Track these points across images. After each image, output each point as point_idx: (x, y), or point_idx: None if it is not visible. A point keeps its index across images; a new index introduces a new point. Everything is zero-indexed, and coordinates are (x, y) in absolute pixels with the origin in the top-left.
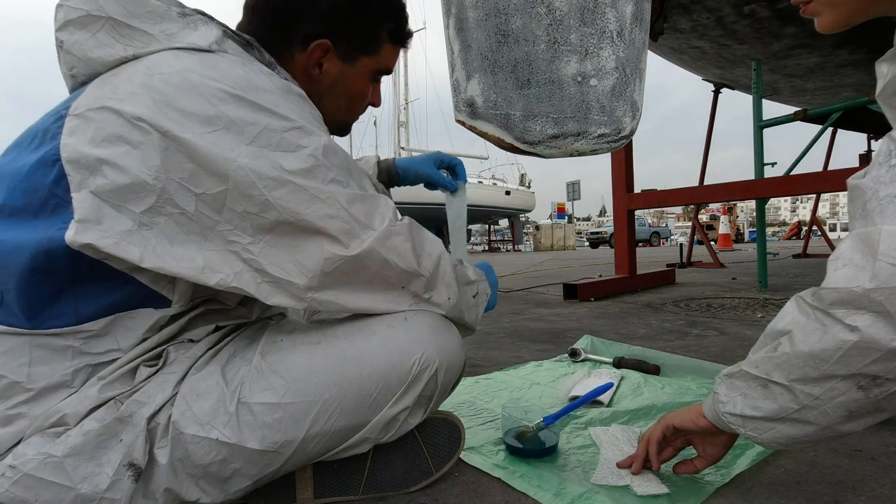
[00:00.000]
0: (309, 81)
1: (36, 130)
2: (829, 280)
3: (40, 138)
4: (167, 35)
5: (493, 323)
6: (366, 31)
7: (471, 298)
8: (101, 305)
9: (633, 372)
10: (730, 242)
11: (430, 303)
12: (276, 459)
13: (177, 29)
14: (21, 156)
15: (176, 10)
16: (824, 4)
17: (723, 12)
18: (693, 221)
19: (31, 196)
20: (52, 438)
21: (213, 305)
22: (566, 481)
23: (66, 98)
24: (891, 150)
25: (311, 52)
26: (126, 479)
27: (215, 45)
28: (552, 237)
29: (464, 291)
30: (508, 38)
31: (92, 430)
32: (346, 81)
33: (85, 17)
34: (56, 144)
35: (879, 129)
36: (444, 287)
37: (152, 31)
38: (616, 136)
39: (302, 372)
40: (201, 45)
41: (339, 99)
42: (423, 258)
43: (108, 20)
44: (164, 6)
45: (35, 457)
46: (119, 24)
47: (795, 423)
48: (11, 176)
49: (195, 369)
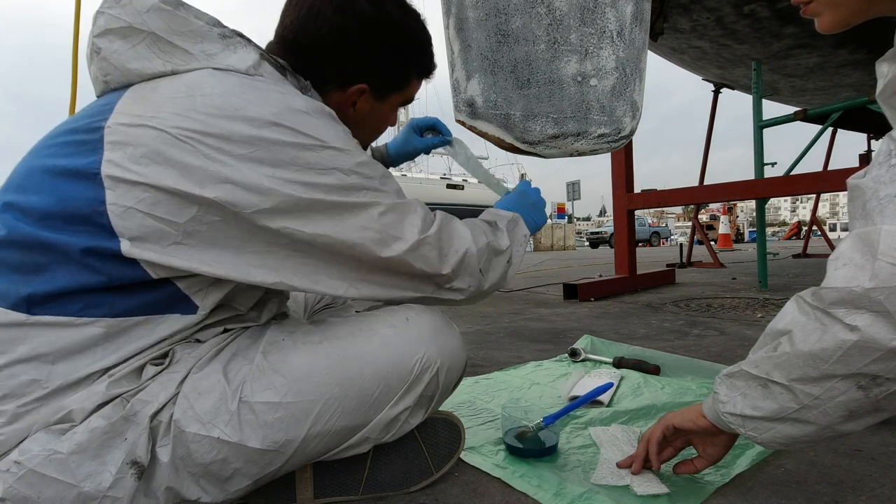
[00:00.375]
0: (341, 117)
1: (67, 132)
2: (829, 280)
3: (73, 143)
4: (207, 55)
5: (493, 323)
6: (400, 74)
7: (504, 265)
8: (133, 305)
9: (633, 372)
10: (730, 242)
11: (451, 290)
12: (277, 459)
13: (216, 50)
14: (55, 158)
15: (217, 32)
16: (824, 5)
17: (723, 12)
18: (693, 221)
19: (66, 204)
20: (57, 435)
21: (226, 313)
22: (566, 481)
23: (98, 102)
24: (890, 149)
25: (349, 94)
26: (129, 477)
27: (252, 70)
28: (552, 237)
29: (496, 263)
30: (508, 38)
31: (98, 427)
32: (375, 115)
33: (127, 29)
34: (96, 159)
35: (879, 129)
36: (467, 276)
37: (192, 50)
38: (616, 136)
39: (303, 371)
40: (239, 68)
41: (367, 130)
42: (450, 257)
43: (150, 35)
44: (206, 27)
45: (40, 453)
46: (160, 39)
47: (795, 422)
48: (49, 180)
49: (197, 368)
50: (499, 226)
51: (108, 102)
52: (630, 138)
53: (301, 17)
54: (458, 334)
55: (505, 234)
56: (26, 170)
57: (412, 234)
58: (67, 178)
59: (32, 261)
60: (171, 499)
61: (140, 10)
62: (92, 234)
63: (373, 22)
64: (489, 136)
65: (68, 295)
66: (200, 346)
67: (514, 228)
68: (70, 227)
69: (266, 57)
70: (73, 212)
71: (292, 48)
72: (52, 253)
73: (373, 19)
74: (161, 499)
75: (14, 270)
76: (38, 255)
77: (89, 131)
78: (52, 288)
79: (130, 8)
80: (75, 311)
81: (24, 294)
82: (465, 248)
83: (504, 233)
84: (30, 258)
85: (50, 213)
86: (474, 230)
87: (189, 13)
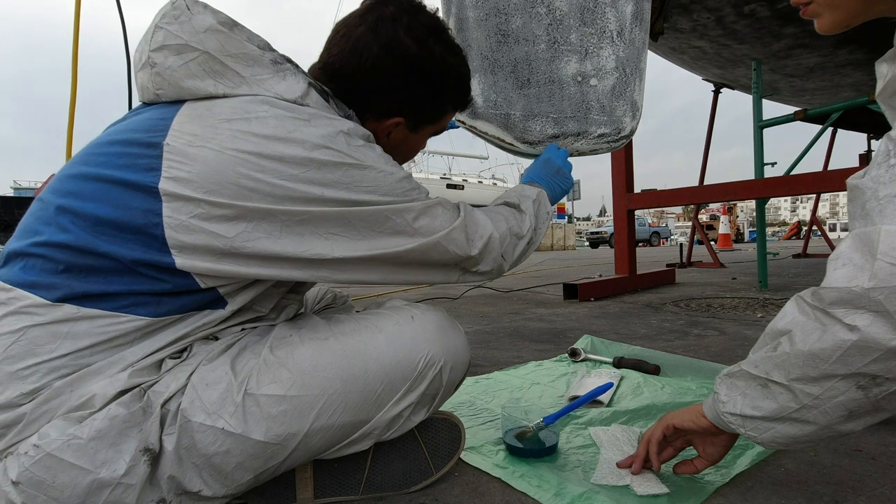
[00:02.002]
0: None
1: (124, 143)
2: (829, 280)
3: (130, 155)
4: (258, 80)
5: (493, 323)
6: (438, 110)
7: (525, 246)
8: (178, 306)
9: (633, 372)
10: (730, 242)
11: (476, 273)
12: (280, 453)
13: (267, 76)
14: (112, 169)
15: (269, 58)
16: (824, 6)
17: (723, 12)
18: (693, 221)
19: (122, 213)
20: (75, 422)
21: (248, 315)
22: (566, 481)
23: (153, 115)
24: (889, 149)
25: (385, 126)
26: (142, 463)
27: (300, 99)
28: (552, 237)
29: (517, 246)
30: (508, 38)
31: (119, 415)
32: (408, 145)
33: (182, 46)
34: (156, 175)
35: (879, 129)
36: (490, 260)
37: (244, 73)
38: (616, 135)
39: (309, 366)
40: (288, 98)
41: (398, 157)
42: (476, 241)
43: (205, 54)
44: (259, 52)
45: (59, 438)
46: (213, 59)
47: (795, 422)
48: (106, 189)
49: (207, 360)
50: (522, 208)
51: (163, 118)
52: (630, 138)
53: (347, 51)
54: (463, 333)
55: (527, 218)
56: (79, 175)
57: (441, 224)
58: (124, 188)
59: (87, 265)
60: (174, 489)
61: (198, 30)
62: (144, 244)
63: (417, 61)
64: (489, 135)
65: (121, 295)
66: (215, 343)
67: (538, 208)
68: (122, 235)
69: (314, 85)
70: (127, 221)
71: (335, 77)
72: (106, 259)
73: (417, 59)
74: (164, 488)
75: (67, 270)
76: (93, 260)
77: (147, 146)
78: (107, 289)
79: (189, 26)
80: (123, 307)
81: (80, 290)
82: (488, 233)
83: (527, 216)
84: (85, 262)
85: (105, 220)
86: (495, 217)
87: (243, 35)
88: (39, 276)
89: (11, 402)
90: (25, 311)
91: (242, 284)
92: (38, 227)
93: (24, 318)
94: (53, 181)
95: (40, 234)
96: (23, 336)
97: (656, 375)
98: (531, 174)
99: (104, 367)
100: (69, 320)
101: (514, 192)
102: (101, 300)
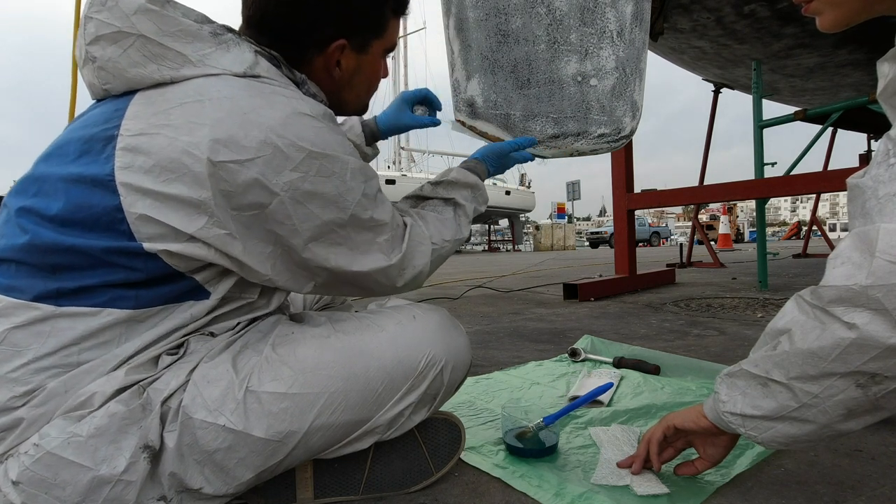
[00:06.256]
0: (330, 80)
1: (80, 140)
2: (828, 278)
3: (87, 151)
4: (201, 57)
5: (493, 323)
6: (374, 17)
7: (446, 257)
8: (156, 296)
9: (633, 372)
10: (730, 242)
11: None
12: (280, 450)
13: (210, 50)
14: (71, 166)
15: (208, 30)
16: (825, 3)
17: (723, 12)
18: (693, 221)
19: (84, 211)
20: (75, 420)
21: (237, 302)
22: (566, 481)
23: (108, 107)
24: (889, 149)
25: (329, 54)
26: (142, 460)
27: (250, 70)
28: (552, 237)
29: (438, 262)
30: (508, 38)
31: (118, 413)
32: (363, 69)
33: (116, 34)
34: (111, 167)
35: (879, 129)
36: (412, 286)
37: (185, 51)
38: (616, 135)
39: (310, 364)
40: (237, 71)
41: (359, 86)
42: (406, 273)
43: (140, 37)
44: (196, 25)
45: (59, 436)
46: (151, 41)
47: (795, 421)
48: (67, 188)
49: (208, 358)
50: (467, 211)
51: (118, 108)
52: (630, 138)
53: None
54: (464, 333)
55: (464, 227)
56: (41, 176)
57: (381, 257)
58: (85, 185)
59: (56, 262)
60: (175, 486)
61: (128, 13)
62: (110, 234)
63: None
64: (489, 136)
65: (96, 288)
66: (213, 339)
67: (475, 208)
68: (86, 229)
69: (261, 52)
70: (93, 220)
71: (263, 28)
72: (75, 255)
73: None
74: (165, 485)
75: (38, 270)
76: (61, 258)
77: (103, 139)
78: (81, 284)
79: (118, 10)
80: (102, 302)
81: (53, 288)
82: (420, 267)
83: (464, 224)
84: (53, 260)
85: (70, 220)
86: (440, 233)
87: (177, 11)
88: (11, 279)
89: (5, 405)
90: (2, 313)
91: (220, 270)
92: (1, 231)
93: (2, 321)
94: (16, 184)
95: (2, 237)
96: (4, 339)
97: (656, 375)
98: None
99: (97, 365)
100: (49, 318)
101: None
102: (78, 297)
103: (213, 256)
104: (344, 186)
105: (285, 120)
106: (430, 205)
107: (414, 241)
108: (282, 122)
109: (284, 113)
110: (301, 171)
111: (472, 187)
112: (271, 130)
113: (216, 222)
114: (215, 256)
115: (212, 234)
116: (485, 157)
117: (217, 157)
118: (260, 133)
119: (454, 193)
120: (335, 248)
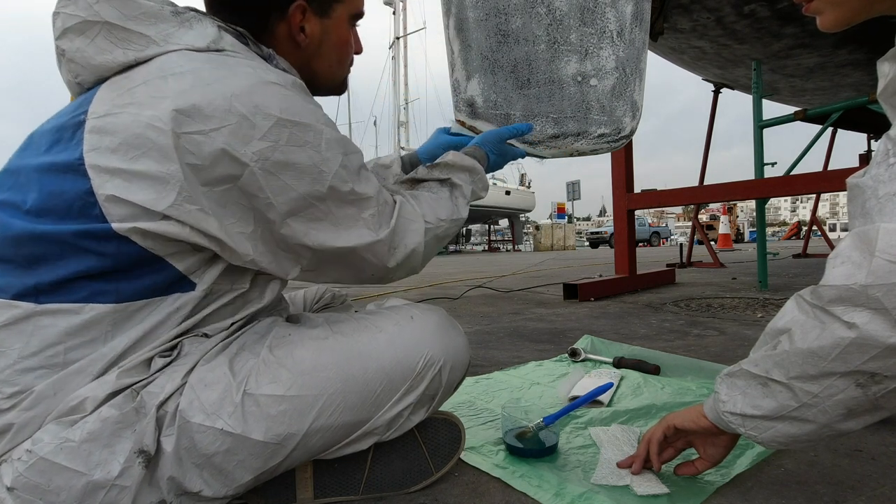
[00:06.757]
0: (296, 49)
1: (51, 130)
2: (828, 277)
3: (57, 140)
4: (164, 36)
5: (493, 323)
6: None
7: (443, 242)
8: (137, 288)
9: (633, 372)
10: (730, 242)
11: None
12: (279, 452)
13: (172, 28)
14: (43, 156)
15: (169, 9)
16: (826, 3)
17: (723, 12)
18: (693, 221)
19: (57, 199)
20: (67, 426)
21: (227, 297)
22: (566, 481)
23: (79, 99)
24: (889, 149)
25: (291, 18)
26: (137, 465)
27: (213, 44)
28: (552, 237)
29: (434, 247)
30: (508, 38)
31: (110, 417)
32: (329, 36)
33: (82, 24)
34: (80, 151)
35: (879, 129)
36: (406, 269)
37: (149, 33)
38: (616, 135)
39: (308, 366)
40: (199, 46)
41: (329, 55)
42: (398, 252)
43: (105, 24)
44: (157, 6)
45: (52, 441)
46: (116, 27)
47: (795, 421)
48: (40, 178)
49: (204, 360)
50: (464, 192)
51: (87, 97)
52: (630, 138)
53: None
54: (463, 334)
55: (461, 207)
56: (16, 169)
57: (368, 232)
58: (56, 173)
59: (30, 253)
60: (174, 490)
61: (91, 2)
62: (81, 218)
63: None
64: None
65: (74, 281)
66: (208, 341)
67: (479, 185)
68: (65, 221)
69: (226, 28)
70: (66, 207)
71: (226, 6)
72: (47, 243)
73: None
74: (164, 489)
75: (14, 265)
76: (34, 247)
77: (72, 127)
78: (57, 276)
79: (82, 2)
80: (83, 297)
81: (31, 284)
82: (413, 246)
83: (461, 205)
84: (27, 251)
85: (44, 209)
86: (434, 211)
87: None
88: None
89: None
90: None
91: (204, 259)
92: None
93: None
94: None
95: None
96: None
97: (656, 375)
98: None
99: (85, 365)
100: (30, 317)
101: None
102: (57, 292)
103: (189, 234)
104: (319, 157)
105: (251, 88)
106: (425, 186)
107: (404, 218)
108: (247, 89)
109: (250, 81)
110: (270, 139)
111: (470, 170)
112: (235, 98)
113: (187, 198)
114: (191, 234)
115: (183, 210)
116: (483, 142)
117: (181, 129)
118: (224, 102)
119: (450, 174)
120: (315, 224)
